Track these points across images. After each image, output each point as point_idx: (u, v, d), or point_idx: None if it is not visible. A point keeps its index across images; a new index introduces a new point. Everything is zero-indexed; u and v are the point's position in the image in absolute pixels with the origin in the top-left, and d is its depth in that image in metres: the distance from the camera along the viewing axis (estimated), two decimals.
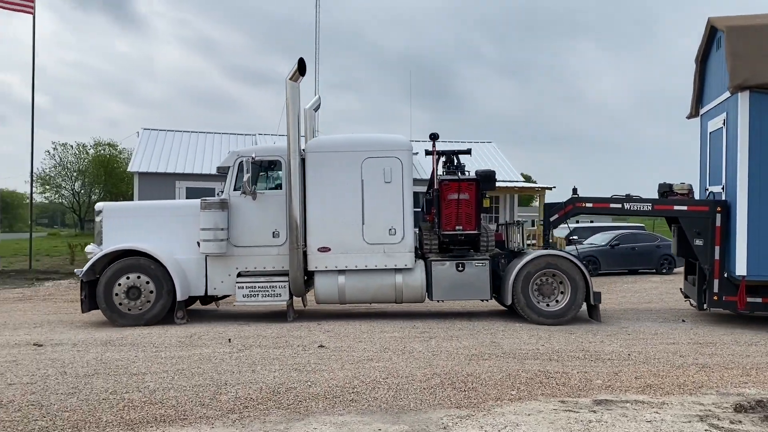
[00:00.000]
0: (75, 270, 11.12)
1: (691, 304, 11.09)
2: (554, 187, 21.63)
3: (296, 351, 7.73)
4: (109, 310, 9.79)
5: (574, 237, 22.75)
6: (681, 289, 12.07)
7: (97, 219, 10.49)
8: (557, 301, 10.02)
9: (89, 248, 10.55)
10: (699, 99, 11.51)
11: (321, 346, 8.02)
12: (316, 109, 12.64)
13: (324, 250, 10.15)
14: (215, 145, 25.37)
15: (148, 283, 9.84)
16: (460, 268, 10.21)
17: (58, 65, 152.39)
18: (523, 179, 24.31)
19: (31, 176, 24.38)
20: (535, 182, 33.32)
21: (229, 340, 8.47)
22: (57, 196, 48.99)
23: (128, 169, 27.72)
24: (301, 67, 9.96)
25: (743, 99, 9.27)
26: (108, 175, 51.12)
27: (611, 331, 9.37)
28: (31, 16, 20.48)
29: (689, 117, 11.89)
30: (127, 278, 9.85)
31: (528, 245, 20.97)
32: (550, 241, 11.01)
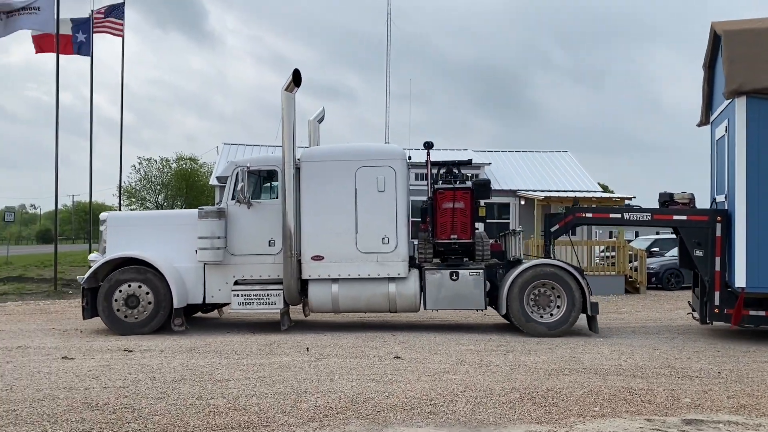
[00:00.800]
0: (77, 277, 11.58)
1: (694, 318, 10.66)
2: (633, 197, 20.87)
3: (372, 361, 7.78)
4: (107, 317, 10.08)
5: (655, 249, 21.87)
6: (689, 302, 11.61)
7: (101, 228, 10.87)
8: (551, 314, 9.74)
9: (92, 257, 10.97)
10: (708, 106, 11.12)
11: (397, 357, 8.05)
12: (320, 120, 12.70)
13: (317, 258, 10.22)
14: None
15: (148, 294, 10.08)
16: (454, 278, 10.08)
17: (141, 83, 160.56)
18: (600, 189, 23.59)
19: (120, 190, 25.61)
20: (612, 192, 32.33)
21: (307, 348, 8.62)
22: (142, 208, 51.21)
23: (210, 182, 28.75)
24: (296, 78, 10.11)
25: (740, 105, 8.95)
26: (189, 187, 53.18)
27: (698, 348, 8.96)
28: (120, 38, 21.61)
29: (699, 125, 11.50)
30: (129, 286, 10.10)
31: (605, 257, 20.40)
32: (552, 252, 10.57)
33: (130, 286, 10.16)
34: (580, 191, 20.94)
